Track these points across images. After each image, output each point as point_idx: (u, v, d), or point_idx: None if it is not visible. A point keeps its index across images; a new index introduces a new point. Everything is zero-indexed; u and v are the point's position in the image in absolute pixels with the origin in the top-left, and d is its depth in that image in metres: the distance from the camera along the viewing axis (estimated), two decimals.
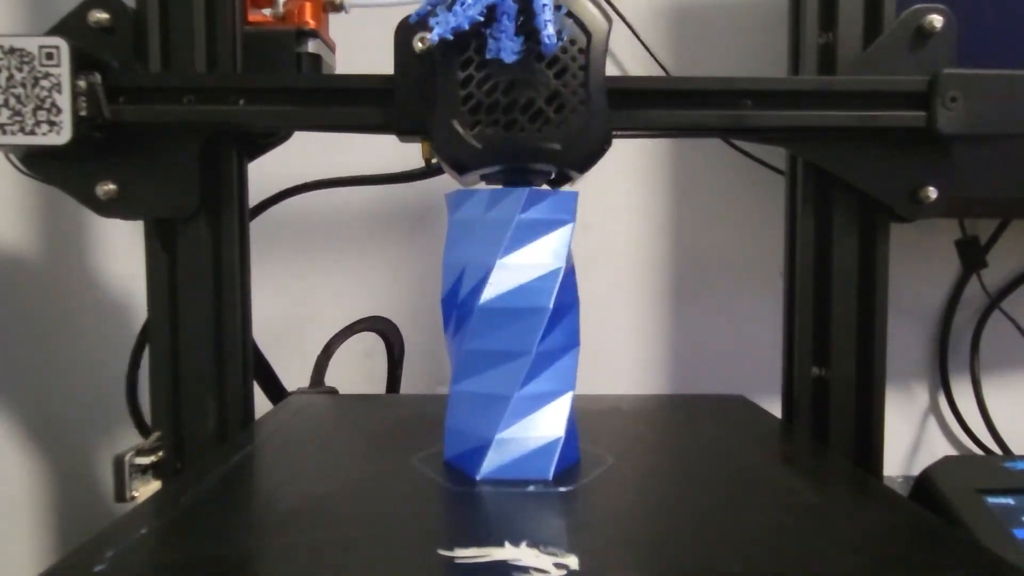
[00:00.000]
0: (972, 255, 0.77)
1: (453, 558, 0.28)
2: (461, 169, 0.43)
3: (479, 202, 0.41)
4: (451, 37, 0.39)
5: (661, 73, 0.76)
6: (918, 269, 0.80)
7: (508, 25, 0.39)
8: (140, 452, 0.48)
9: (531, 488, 0.38)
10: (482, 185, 0.44)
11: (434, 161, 0.46)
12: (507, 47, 0.40)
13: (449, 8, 0.39)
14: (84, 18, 0.46)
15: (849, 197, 0.50)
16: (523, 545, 0.30)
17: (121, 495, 0.46)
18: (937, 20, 0.47)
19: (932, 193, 0.48)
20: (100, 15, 0.46)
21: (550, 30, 0.39)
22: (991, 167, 0.64)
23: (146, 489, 0.48)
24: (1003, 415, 0.79)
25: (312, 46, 0.52)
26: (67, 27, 0.46)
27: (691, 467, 0.43)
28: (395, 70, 0.44)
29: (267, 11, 0.52)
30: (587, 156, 0.43)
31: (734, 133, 0.59)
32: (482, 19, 0.39)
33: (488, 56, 0.40)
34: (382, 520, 0.34)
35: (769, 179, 0.76)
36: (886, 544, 0.31)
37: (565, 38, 0.41)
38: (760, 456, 0.45)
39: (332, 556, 0.29)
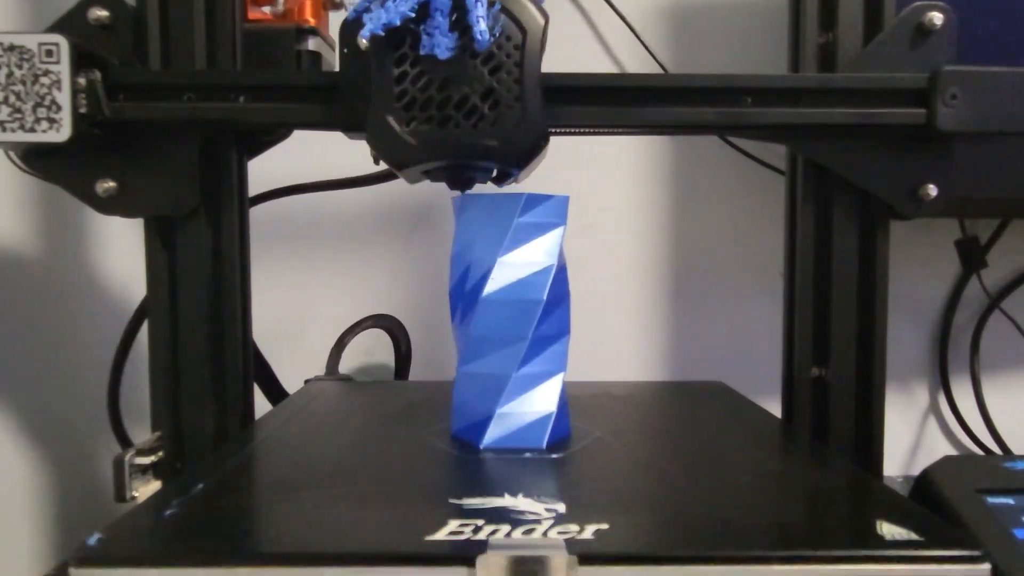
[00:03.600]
0: (972, 255, 0.77)
1: (462, 504, 0.34)
2: (398, 166, 0.44)
3: (482, 206, 0.45)
4: (382, 33, 0.39)
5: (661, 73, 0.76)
6: (918, 269, 0.80)
7: (441, 21, 0.40)
8: (140, 452, 0.48)
9: (527, 455, 0.43)
10: (424, 180, 0.47)
11: (382, 162, 0.46)
12: (441, 43, 0.40)
13: (383, 4, 0.39)
14: (84, 15, 0.46)
15: (849, 196, 0.50)
16: (520, 496, 0.35)
17: (121, 495, 0.46)
18: (937, 17, 0.47)
19: (932, 191, 0.48)
20: (100, 12, 0.46)
21: (482, 26, 0.39)
22: (991, 166, 0.64)
23: (146, 489, 0.48)
24: (1003, 415, 0.79)
25: (312, 44, 0.52)
26: (67, 24, 0.46)
27: (669, 440, 0.49)
28: (339, 67, 0.44)
29: (267, 9, 0.52)
30: (523, 152, 0.43)
31: (734, 130, 0.59)
32: (413, 15, 0.39)
33: (422, 52, 0.40)
34: (400, 479, 0.39)
35: (769, 179, 0.76)
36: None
37: (499, 34, 0.41)
38: (733, 432, 0.50)
39: (359, 503, 0.35)
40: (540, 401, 0.45)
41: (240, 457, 0.42)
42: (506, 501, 0.34)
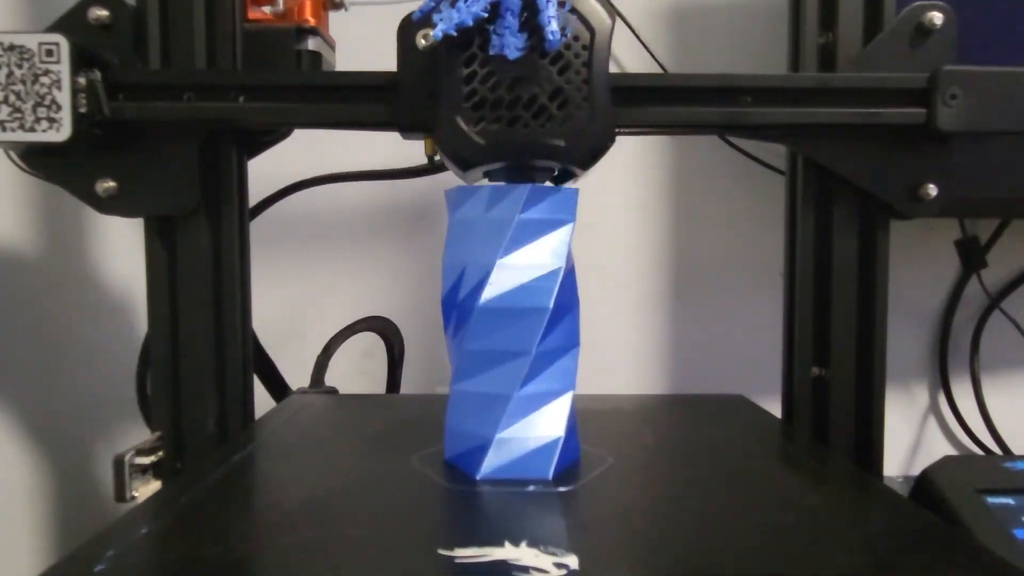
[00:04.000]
0: (972, 255, 0.77)
1: (453, 558, 0.29)
2: (464, 165, 0.43)
3: (479, 201, 0.40)
4: (455, 33, 0.39)
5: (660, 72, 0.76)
6: (918, 269, 0.80)
7: (512, 21, 0.39)
8: (140, 452, 0.48)
9: (531, 488, 0.38)
10: (485, 181, 0.44)
11: (437, 158, 0.46)
12: (510, 43, 0.40)
13: (453, 4, 0.39)
14: (84, 15, 0.46)
15: (849, 196, 0.50)
16: (523, 545, 0.30)
17: (121, 495, 0.46)
18: (937, 17, 0.47)
19: (932, 190, 0.48)
20: (100, 12, 0.46)
21: (553, 26, 0.39)
22: (991, 166, 0.64)
23: (146, 489, 0.48)
24: (1003, 415, 0.79)
25: (312, 43, 0.52)
26: (67, 24, 0.46)
27: (691, 467, 0.43)
28: (398, 66, 0.44)
29: (267, 8, 0.52)
30: (590, 152, 0.43)
31: (735, 130, 0.59)
32: (486, 15, 0.39)
33: (491, 52, 0.40)
34: (382, 520, 0.34)
35: (769, 179, 0.76)
36: (887, 544, 0.31)
37: (568, 34, 0.41)
38: (760, 456, 0.45)
39: (332, 556, 0.29)
40: (545, 425, 0.40)
41: (199, 491, 0.37)
42: (506, 552, 0.29)
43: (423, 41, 0.41)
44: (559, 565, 0.28)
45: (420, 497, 0.37)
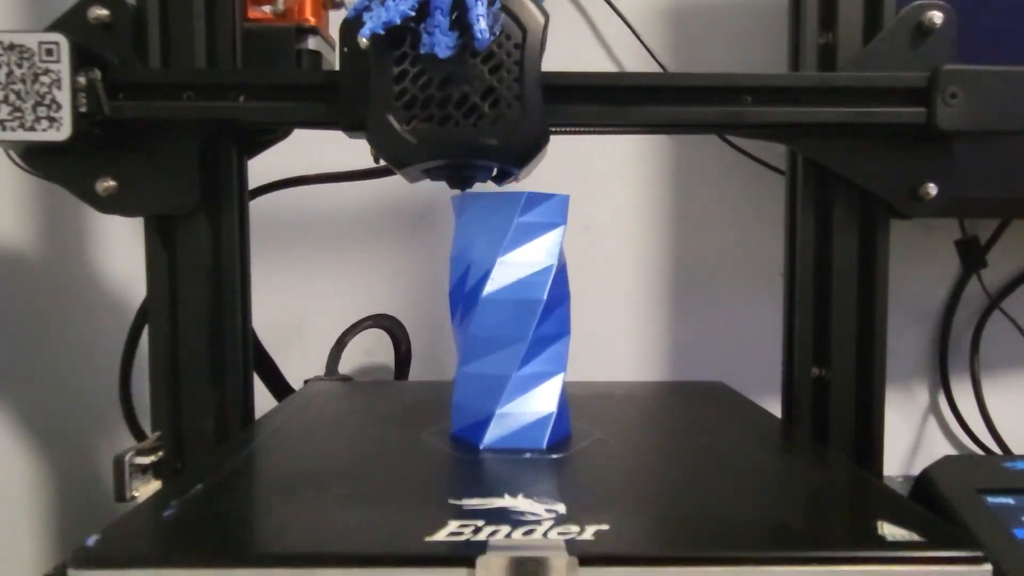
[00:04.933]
0: (972, 255, 0.77)
1: (462, 505, 0.34)
2: (398, 164, 0.44)
3: (482, 206, 0.45)
4: (383, 32, 0.39)
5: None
6: (918, 269, 0.80)
7: (441, 20, 0.40)
8: (140, 452, 0.48)
9: (527, 455, 0.43)
10: (424, 179, 0.47)
11: (382, 161, 0.46)
12: (441, 42, 0.40)
13: (383, 2, 0.39)
14: (84, 14, 0.46)
15: (849, 196, 0.50)
16: (520, 496, 0.35)
17: (121, 495, 0.46)
18: (937, 16, 0.47)
19: (932, 190, 0.48)
20: (100, 11, 0.46)
21: (482, 24, 0.39)
22: (991, 165, 0.63)
23: (146, 489, 0.48)
24: (1003, 415, 0.79)
25: (312, 43, 0.52)
26: (67, 23, 0.46)
27: (669, 440, 0.50)
28: (339, 65, 0.44)
29: (267, 8, 0.52)
30: (523, 151, 0.43)
31: (734, 130, 0.59)
32: (414, 14, 0.39)
33: (422, 51, 0.40)
34: (399, 480, 0.39)
35: (769, 178, 0.76)
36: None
37: (499, 33, 0.41)
38: (733, 432, 0.49)
39: (359, 504, 0.35)
40: (540, 401, 0.45)
41: (239, 458, 0.42)
42: (506, 502, 0.34)
43: (364, 40, 0.41)
44: (549, 511, 0.33)
45: (432, 463, 0.42)
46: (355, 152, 0.52)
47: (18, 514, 0.64)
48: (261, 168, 0.57)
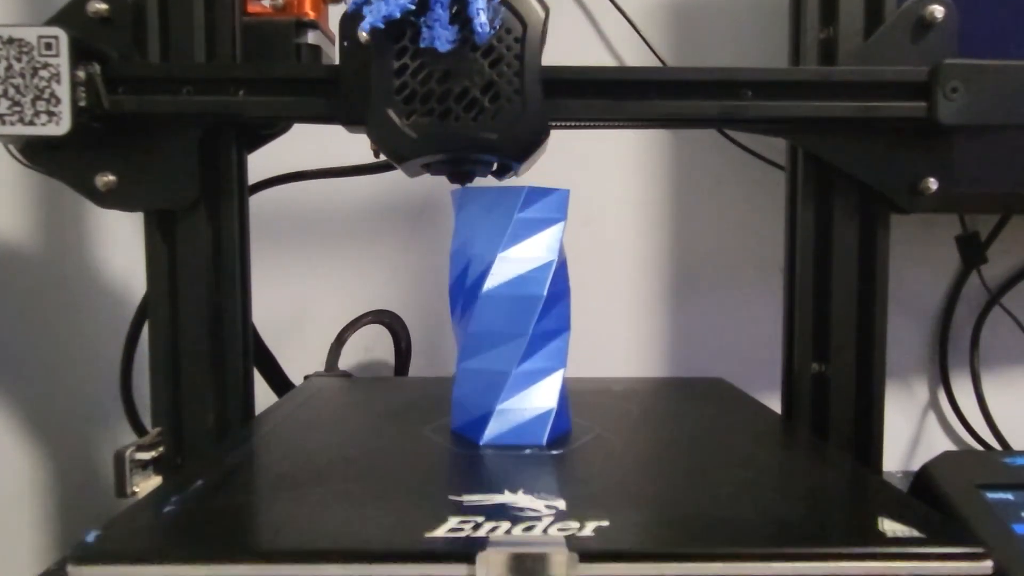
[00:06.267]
0: (972, 251, 0.77)
1: (461, 501, 0.34)
2: (398, 159, 0.44)
3: (482, 201, 0.44)
4: (382, 26, 0.39)
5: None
6: (918, 265, 0.80)
7: (441, 14, 0.39)
8: (140, 447, 0.48)
9: (527, 451, 0.43)
10: (424, 173, 0.47)
11: (382, 156, 0.46)
12: (441, 36, 0.40)
13: None
14: (83, 8, 0.46)
15: (849, 192, 0.50)
16: (520, 492, 0.35)
17: (122, 491, 0.46)
18: (938, 11, 0.47)
19: (932, 184, 0.48)
20: (99, 5, 0.46)
21: (482, 18, 0.39)
22: (992, 160, 0.63)
23: (147, 484, 0.48)
24: (1003, 411, 0.79)
25: (312, 37, 0.52)
26: (66, 17, 0.46)
27: (669, 436, 0.49)
28: (339, 60, 0.44)
29: (267, 2, 0.52)
30: (523, 145, 0.43)
31: (734, 124, 0.59)
32: (414, 7, 0.39)
33: (422, 45, 0.40)
34: (400, 476, 0.39)
35: (768, 174, 0.76)
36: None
37: (499, 27, 0.41)
38: (732, 428, 0.50)
39: (359, 501, 0.35)
40: (540, 397, 0.45)
41: (239, 453, 0.42)
42: (506, 498, 0.34)
43: (364, 34, 0.41)
44: (549, 507, 0.33)
45: (433, 459, 0.42)
46: (355, 147, 0.52)
47: (18, 510, 0.64)
48: (261, 162, 0.57)
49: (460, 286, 0.45)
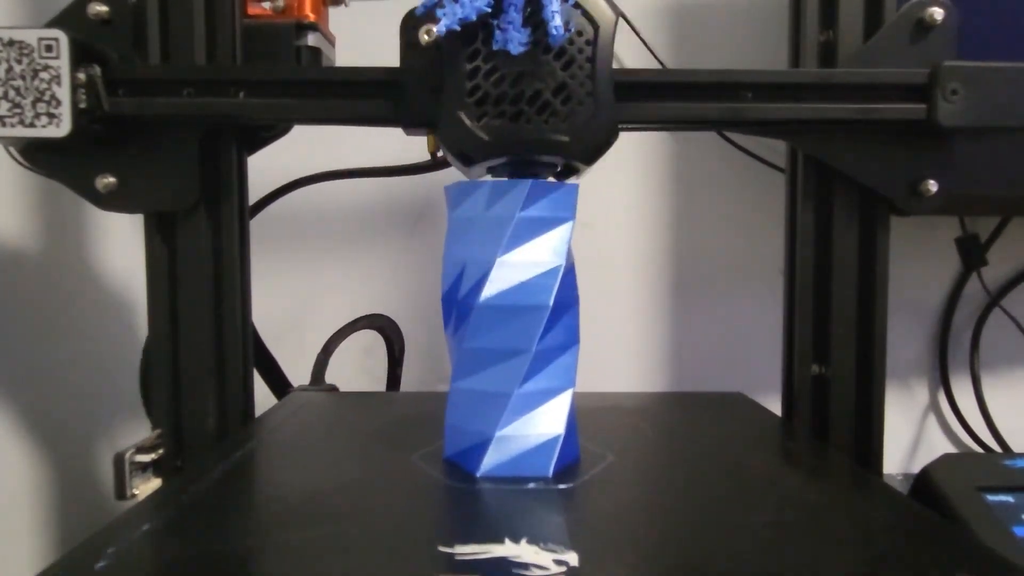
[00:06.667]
0: (972, 253, 0.77)
1: (453, 555, 0.28)
2: (468, 161, 0.43)
3: (479, 197, 0.40)
4: (458, 28, 0.39)
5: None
6: (918, 267, 0.80)
7: (515, 16, 0.39)
8: (140, 450, 0.48)
9: (531, 485, 0.38)
10: (488, 177, 0.44)
11: (440, 154, 0.45)
12: (514, 38, 0.39)
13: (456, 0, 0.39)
14: (83, 10, 0.46)
15: (849, 193, 0.50)
16: (523, 542, 0.30)
17: (121, 493, 0.46)
18: (938, 13, 0.47)
19: (932, 186, 0.48)
20: (99, 7, 0.46)
21: (557, 21, 0.39)
22: (992, 162, 0.63)
23: (146, 487, 0.48)
24: (1003, 413, 0.79)
25: (312, 39, 0.52)
26: (66, 19, 0.46)
27: (690, 464, 0.43)
28: (401, 62, 0.44)
29: (267, 4, 0.52)
30: (594, 148, 0.43)
31: (734, 126, 0.59)
32: (489, 10, 0.39)
33: (495, 47, 0.40)
34: (383, 517, 0.34)
35: (768, 176, 0.76)
36: (886, 541, 0.31)
37: (572, 29, 0.41)
38: (759, 454, 0.45)
39: (333, 554, 0.29)
40: (545, 422, 0.39)
41: (198, 489, 0.37)
42: (506, 549, 0.29)
43: (426, 36, 0.41)
44: (559, 562, 0.28)
45: (420, 495, 0.37)
46: (355, 149, 0.52)
47: (18, 512, 0.64)
48: (262, 163, 0.57)
49: (454, 295, 0.40)
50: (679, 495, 0.38)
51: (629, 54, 0.78)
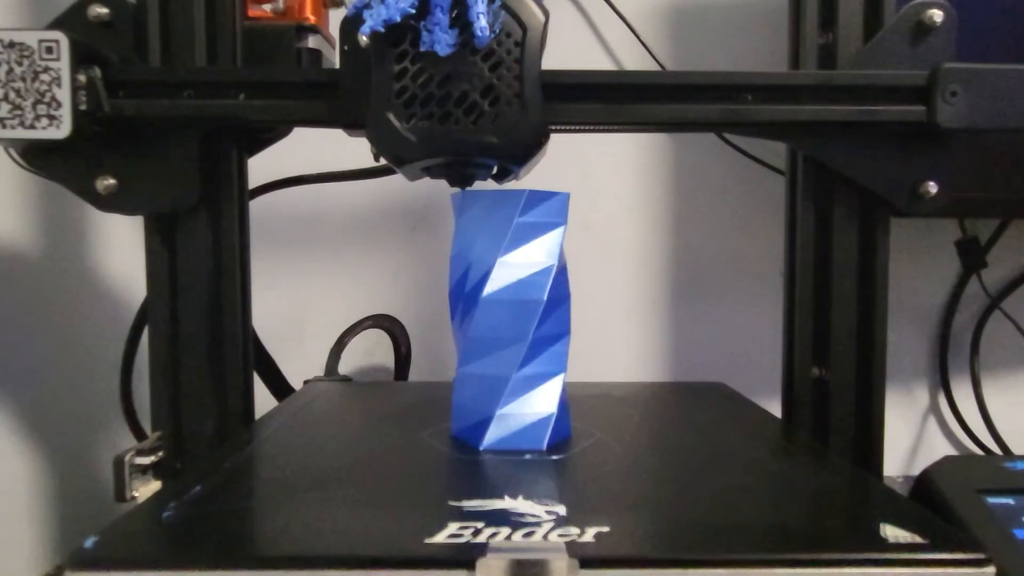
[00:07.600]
0: (972, 255, 0.77)
1: (462, 507, 0.33)
2: (398, 162, 0.44)
3: (482, 205, 0.45)
4: (382, 30, 0.39)
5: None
6: (918, 269, 0.80)
7: (442, 17, 0.40)
8: (140, 452, 0.48)
9: (528, 456, 0.43)
10: (424, 176, 0.47)
11: (382, 159, 0.46)
12: (441, 39, 0.40)
13: (383, 0, 0.39)
14: (84, 12, 0.46)
15: (849, 195, 0.50)
16: (520, 498, 0.35)
17: (121, 495, 0.46)
18: (937, 15, 0.47)
19: (932, 188, 0.48)
20: (100, 9, 0.46)
21: (483, 22, 0.39)
22: (991, 164, 0.63)
23: (146, 489, 0.48)
24: (1003, 415, 0.79)
25: (312, 41, 0.52)
26: (67, 21, 0.46)
27: (669, 441, 0.49)
28: (339, 64, 0.44)
29: (267, 6, 0.52)
30: (523, 149, 0.44)
31: (734, 128, 0.59)
32: (414, 11, 0.39)
33: (422, 49, 0.40)
34: (400, 481, 0.39)
35: (768, 178, 0.76)
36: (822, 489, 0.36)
37: (499, 31, 0.41)
38: (732, 431, 0.49)
39: (361, 506, 0.35)
40: (540, 402, 0.44)
41: (239, 458, 0.42)
42: (506, 503, 0.34)
43: (364, 38, 0.41)
44: (550, 512, 0.33)
45: (431, 464, 0.42)
46: (359, 150, 0.52)
47: (18, 513, 0.64)
48: (262, 165, 0.57)
49: (460, 290, 0.45)
50: (657, 465, 0.44)
51: (629, 56, 0.79)
